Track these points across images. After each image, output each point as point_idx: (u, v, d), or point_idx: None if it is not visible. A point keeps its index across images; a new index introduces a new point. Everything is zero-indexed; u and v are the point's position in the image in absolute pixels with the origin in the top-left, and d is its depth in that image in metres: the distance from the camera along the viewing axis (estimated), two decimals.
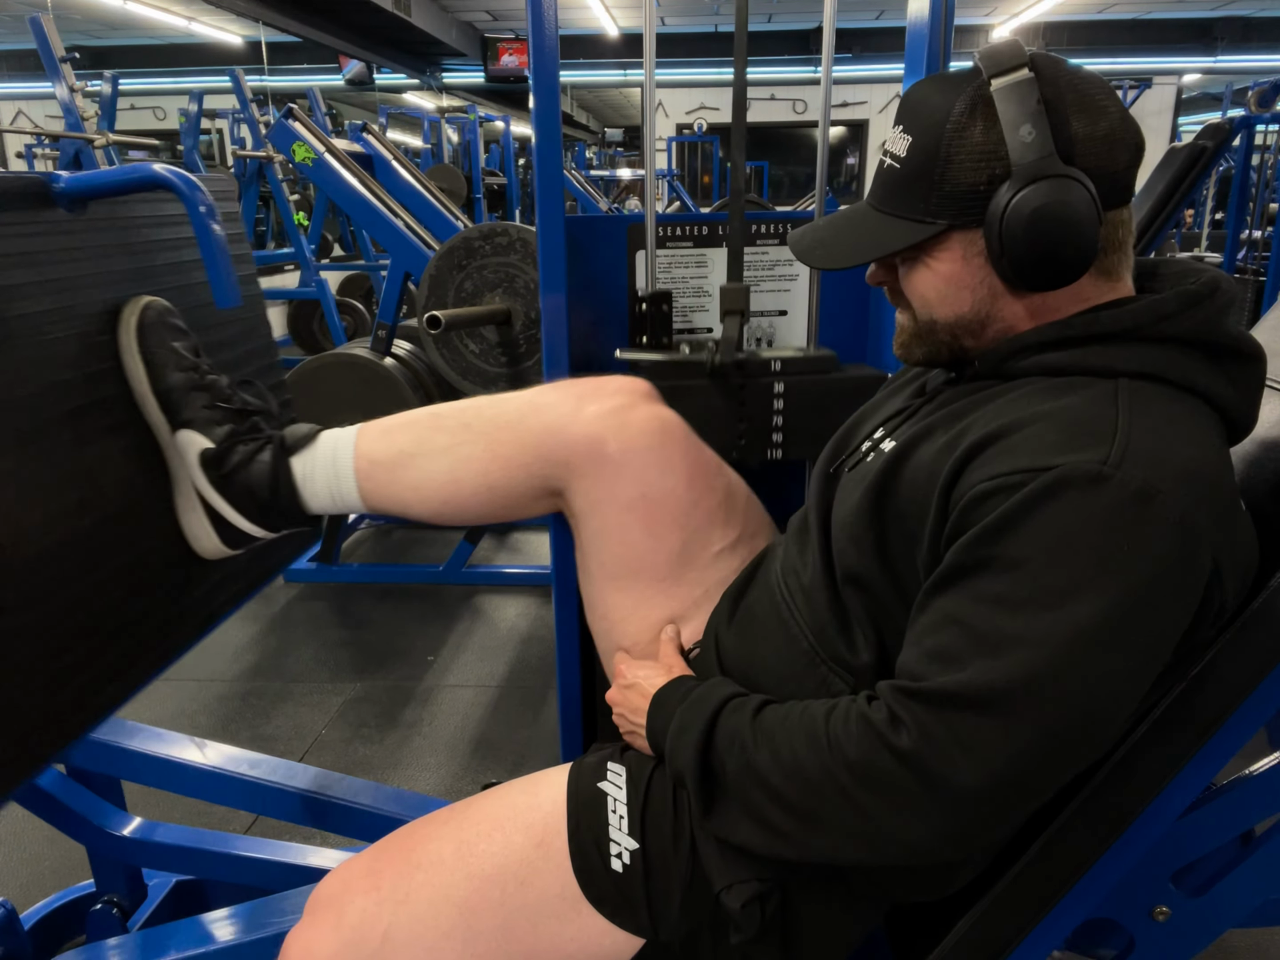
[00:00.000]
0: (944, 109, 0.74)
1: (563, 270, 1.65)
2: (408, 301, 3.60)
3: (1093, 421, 0.68)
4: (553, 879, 0.81)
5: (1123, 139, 0.73)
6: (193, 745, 1.18)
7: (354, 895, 0.84)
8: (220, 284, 0.98)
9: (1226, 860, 0.88)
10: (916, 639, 0.70)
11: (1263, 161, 4.76)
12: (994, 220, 0.72)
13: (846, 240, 0.82)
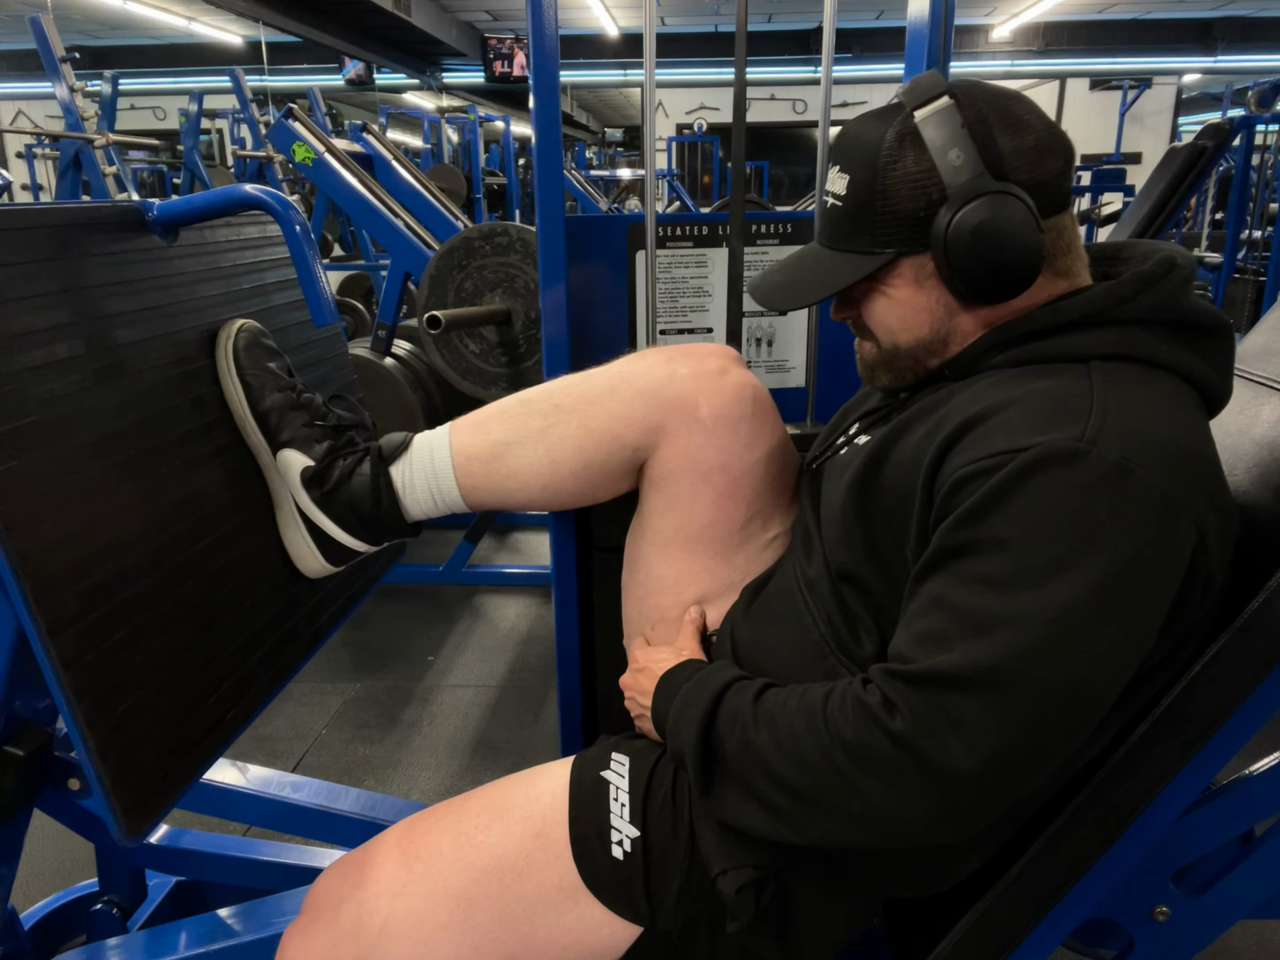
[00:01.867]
0: (875, 144, 0.77)
1: (563, 270, 1.65)
2: (408, 301, 3.60)
3: (1068, 400, 0.69)
4: (551, 869, 0.81)
5: (1051, 149, 0.76)
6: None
7: (351, 888, 0.84)
8: (317, 302, 1.00)
9: (1226, 860, 0.88)
10: (906, 624, 0.71)
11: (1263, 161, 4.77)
12: (938, 242, 0.75)
13: (803, 280, 0.85)
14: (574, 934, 0.81)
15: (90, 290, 0.86)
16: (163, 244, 0.98)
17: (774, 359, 1.90)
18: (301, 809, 1.13)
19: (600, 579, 1.22)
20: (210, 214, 1.00)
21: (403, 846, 0.85)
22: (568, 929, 0.81)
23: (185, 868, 1.22)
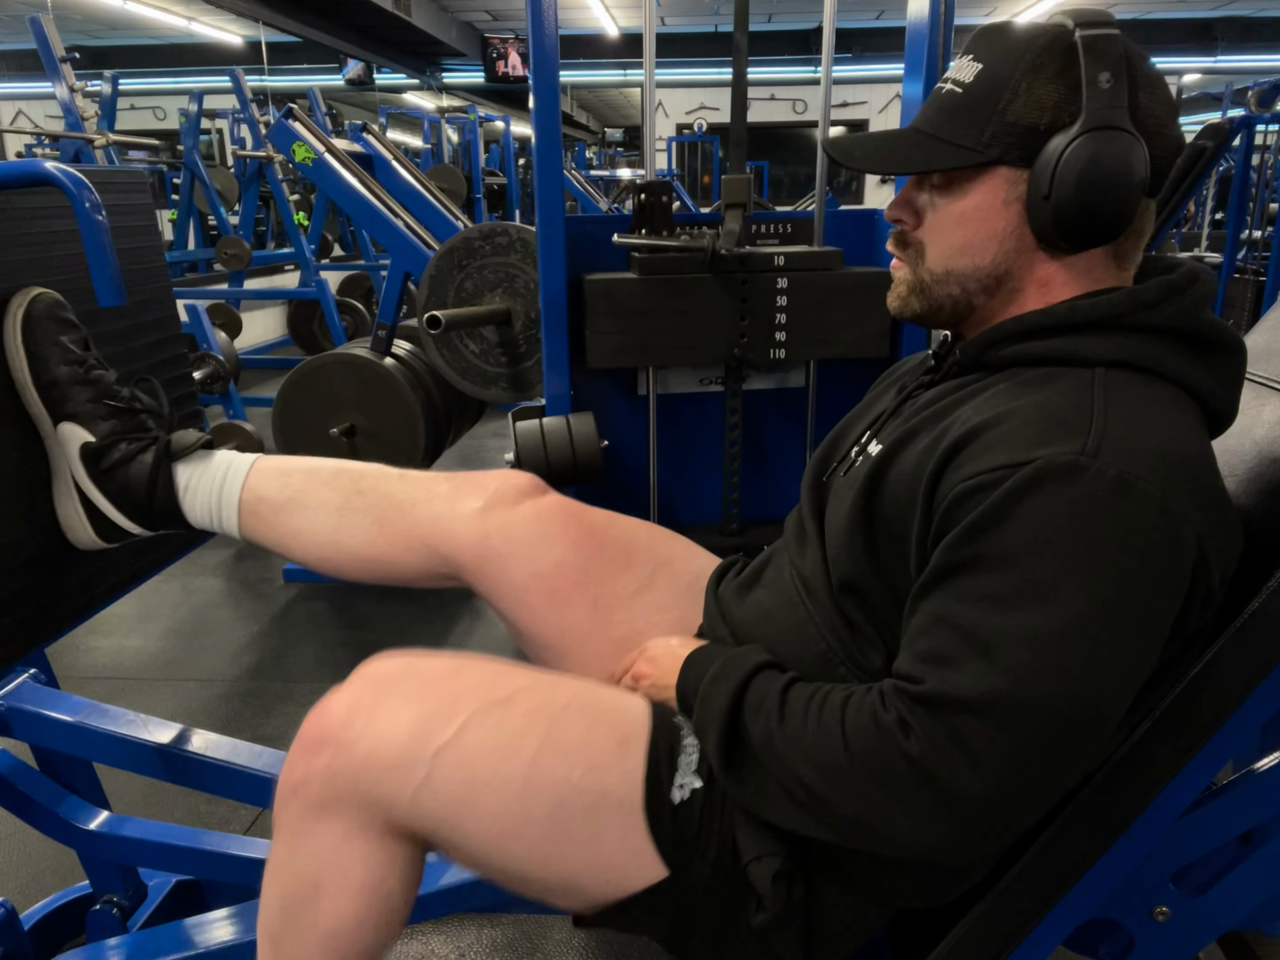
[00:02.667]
0: (1024, 43, 0.74)
1: (563, 270, 1.65)
2: (408, 301, 3.60)
3: (1069, 413, 0.68)
4: (621, 780, 0.79)
5: (1173, 130, 0.75)
6: (159, 727, 1.17)
7: (428, 694, 0.78)
8: (103, 283, 0.98)
9: (1226, 860, 0.88)
10: (910, 640, 0.70)
11: (1263, 161, 4.76)
12: (1048, 162, 0.72)
13: (891, 152, 0.81)
14: (611, 849, 0.80)
15: None
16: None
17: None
18: None
19: None
20: (3, 185, 1.00)
21: (489, 685, 0.81)
22: (609, 841, 0.79)
23: (179, 865, 1.22)
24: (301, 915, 0.78)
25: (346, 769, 0.75)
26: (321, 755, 0.76)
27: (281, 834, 0.79)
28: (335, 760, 0.75)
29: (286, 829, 0.78)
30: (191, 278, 5.93)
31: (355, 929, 0.78)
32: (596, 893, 0.81)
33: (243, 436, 3.31)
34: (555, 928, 1.47)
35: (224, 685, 2.34)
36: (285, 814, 0.78)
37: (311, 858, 0.77)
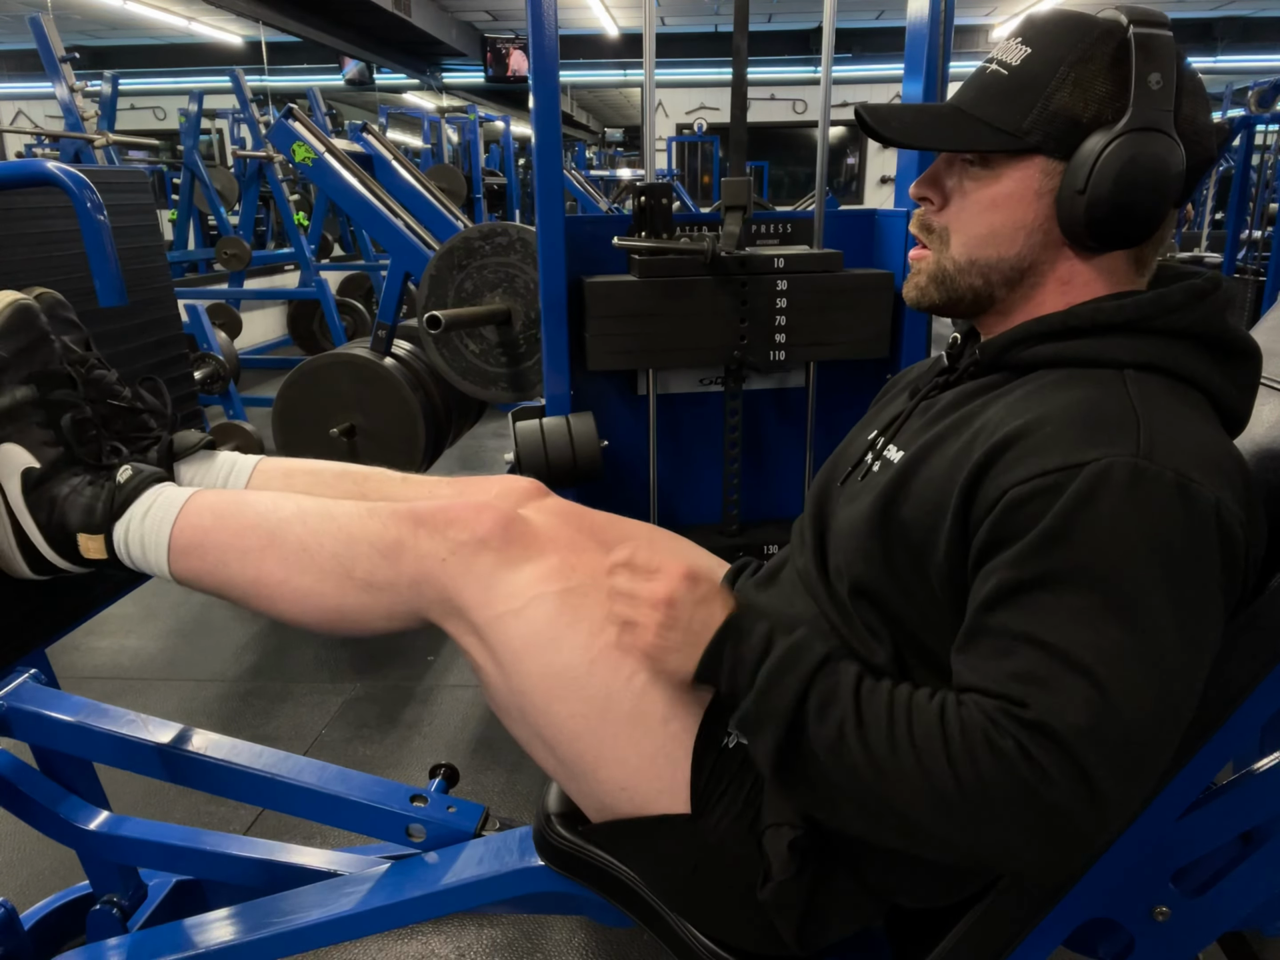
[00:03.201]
0: (1078, 33, 0.73)
1: (563, 270, 1.65)
2: (408, 301, 3.60)
3: (1113, 412, 0.68)
4: (673, 708, 0.82)
5: (1209, 142, 0.74)
6: (159, 726, 1.17)
7: (563, 549, 0.87)
8: (104, 282, 0.97)
9: (1226, 860, 0.88)
10: (992, 659, 0.66)
11: (1263, 161, 4.77)
12: (1088, 156, 0.71)
13: (928, 126, 0.79)
14: (642, 759, 0.82)
15: None
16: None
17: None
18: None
19: None
20: (5, 185, 0.99)
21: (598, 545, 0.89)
22: (642, 751, 0.81)
23: (179, 866, 1.22)
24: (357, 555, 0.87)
25: (477, 549, 0.85)
26: (483, 520, 0.86)
27: (404, 520, 0.87)
28: (475, 535, 0.85)
29: (408, 520, 0.87)
30: (191, 278, 5.94)
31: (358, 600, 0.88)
32: (612, 796, 0.83)
33: (243, 436, 3.31)
34: (555, 928, 1.47)
35: (224, 685, 2.35)
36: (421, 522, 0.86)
37: (400, 549, 0.86)
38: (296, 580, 0.88)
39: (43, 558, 0.95)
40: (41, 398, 0.94)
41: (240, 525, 0.90)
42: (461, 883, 1.01)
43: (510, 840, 1.03)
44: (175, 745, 1.12)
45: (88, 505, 0.92)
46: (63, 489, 0.93)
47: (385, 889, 1.05)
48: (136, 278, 1.13)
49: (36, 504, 0.93)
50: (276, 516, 0.89)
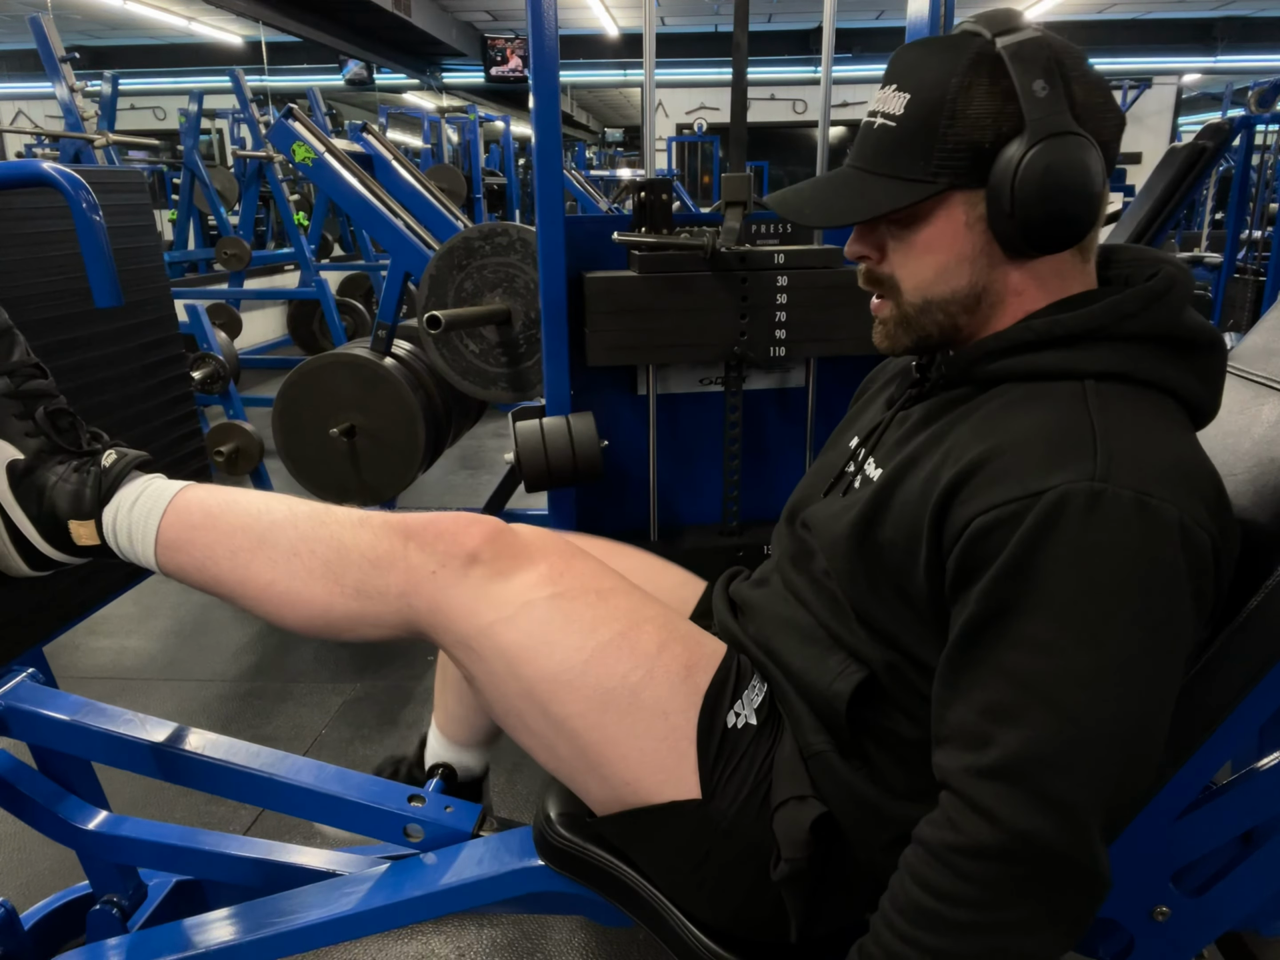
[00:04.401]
0: (948, 65, 0.72)
1: (563, 270, 1.65)
2: (408, 301, 3.60)
3: (1070, 433, 0.68)
4: (673, 696, 0.83)
5: (1114, 111, 0.74)
6: (156, 727, 1.16)
7: (552, 558, 0.87)
8: (100, 283, 0.96)
9: (1226, 860, 0.88)
10: (963, 693, 0.69)
11: (1263, 161, 4.76)
12: (1004, 177, 0.71)
13: (837, 201, 0.79)
14: (646, 748, 0.83)
15: None
16: None
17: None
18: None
19: None
20: (2, 185, 0.99)
21: (598, 575, 0.88)
22: (645, 741, 0.82)
23: (179, 866, 1.22)
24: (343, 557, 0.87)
25: (467, 562, 0.84)
26: (473, 534, 0.86)
27: (395, 532, 0.87)
28: (465, 548, 0.85)
29: (398, 532, 0.86)
30: (191, 278, 5.93)
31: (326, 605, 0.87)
32: (619, 791, 0.84)
33: (243, 436, 3.31)
34: (555, 928, 1.47)
35: (224, 685, 2.34)
36: (409, 538, 0.86)
37: (383, 556, 0.86)
38: (285, 584, 0.87)
39: (38, 552, 0.94)
40: (16, 389, 0.93)
41: (230, 525, 0.89)
42: (461, 883, 1.01)
43: (510, 840, 1.03)
44: (172, 745, 1.12)
45: (75, 491, 0.91)
46: (49, 477, 0.91)
47: (385, 889, 1.05)
48: (133, 278, 1.13)
49: (25, 496, 0.92)
50: (268, 518, 0.89)
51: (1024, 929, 0.66)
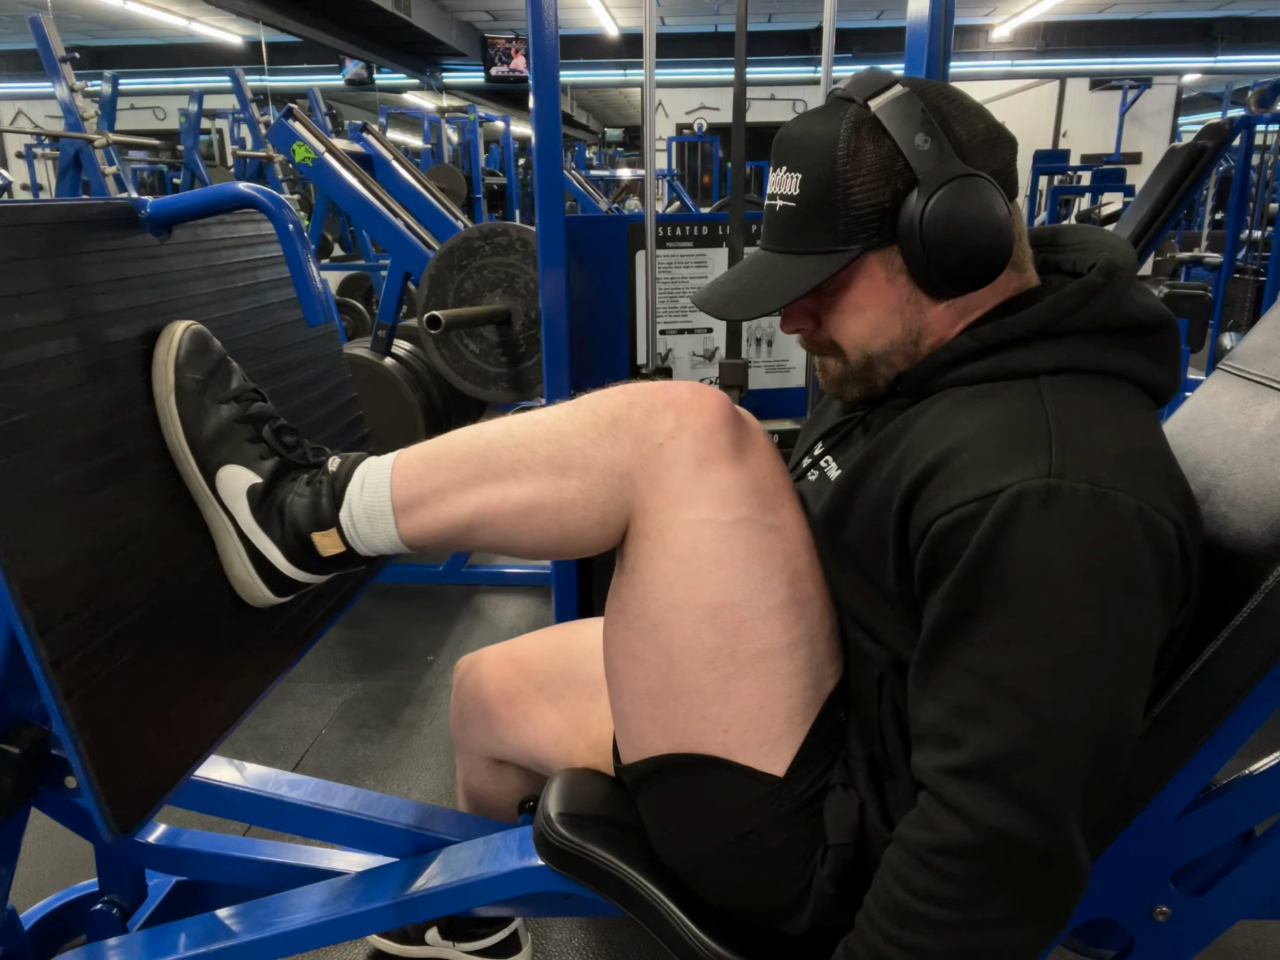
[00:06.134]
0: (830, 137, 0.75)
1: (563, 270, 1.65)
2: (408, 301, 3.60)
3: (1025, 429, 0.69)
4: (820, 674, 0.83)
5: (1000, 137, 0.76)
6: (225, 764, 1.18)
7: (746, 474, 0.80)
8: (311, 301, 0.99)
9: (1226, 860, 0.88)
10: (933, 693, 0.70)
11: (1263, 161, 4.77)
12: (911, 231, 0.73)
13: (758, 288, 0.80)
14: (763, 710, 0.82)
15: (82, 288, 0.86)
16: (155, 241, 0.97)
17: (774, 359, 1.91)
18: (298, 807, 1.12)
19: (600, 578, 1.22)
20: (204, 212, 0.99)
21: (773, 499, 0.83)
22: (768, 706, 0.81)
23: (185, 867, 1.22)
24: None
25: (703, 436, 0.79)
26: (708, 404, 0.80)
27: (618, 401, 0.82)
28: (698, 425, 0.79)
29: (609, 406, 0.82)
30: None
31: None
32: (708, 732, 0.82)
33: None
34: (555, 928, 1.47)
35: None
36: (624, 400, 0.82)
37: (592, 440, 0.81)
38: (515, 494, 0.83)
39: (282, 575, 0.92)
40: (243, 413, 0.92)
41: (452, 459, 0.86)
42: (462, 882, 1.01)
43: (510, 840, 1.04)
44: (257, 788, 1.15)
45: (312, 503, 0.89)
46: (287, 496, 0.90)
47: (385, 889, 1.05)
48: None
49: (267, 519, 0.90)
50: (484, 439, 0.86)
51: (1005, 924, 0.67)
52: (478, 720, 1.12)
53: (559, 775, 1.01)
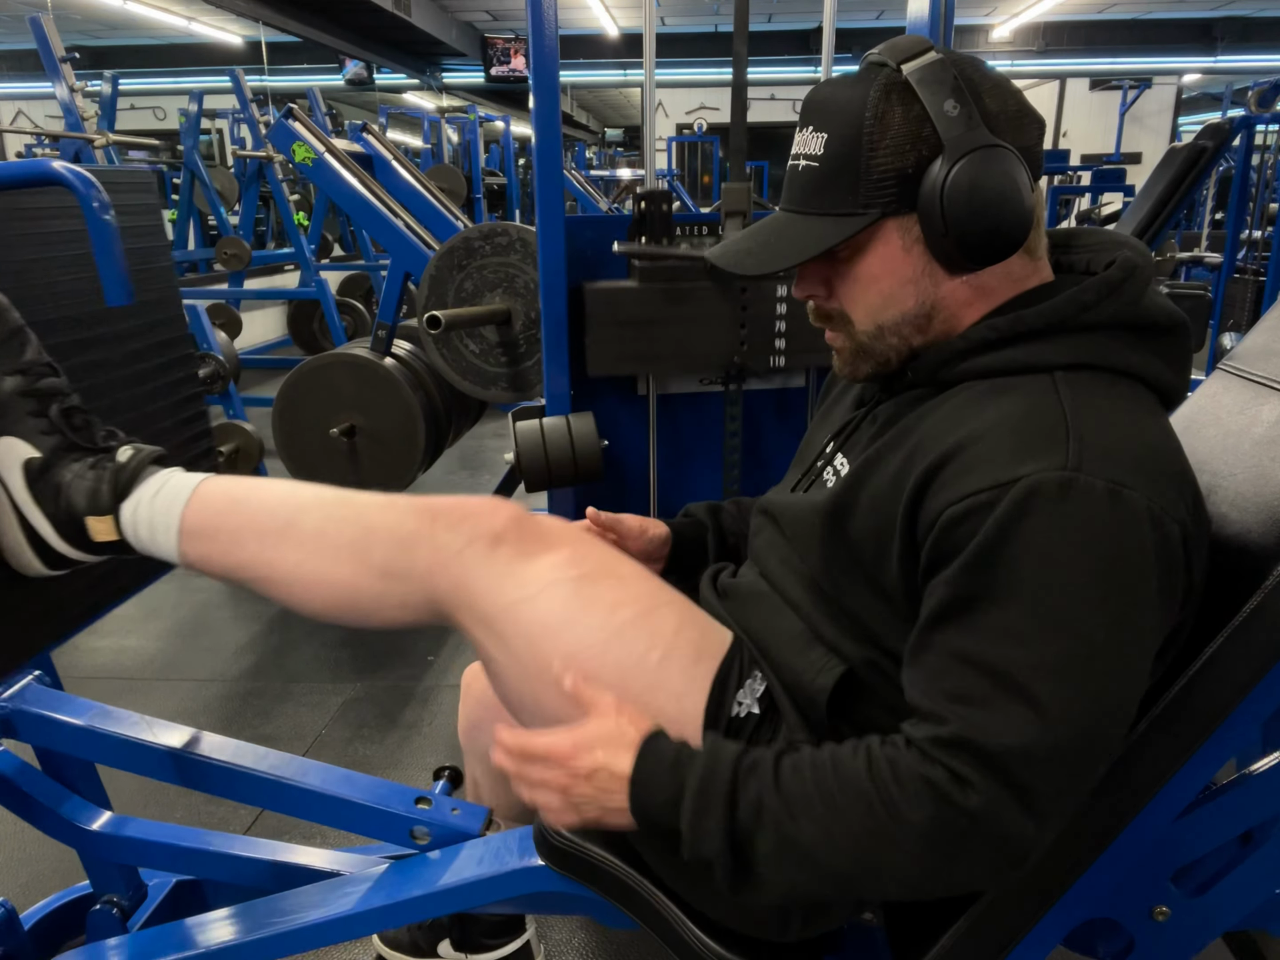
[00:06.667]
0: (859, 99, 0.74)
1: (563, 270, 1.65)
2: (408, 301, 3.60)
3: (1042, 422, 0.69)
4: (684, 679, 0.84)
5: (1029, 115, 0.76)
6: (165, 728, 1.16)
7: (572, 544, 0.87)
8: (111, 281, 0.96)
9: (1226, 860, 0.88)
10: (930, 678, 0.69)
11: (1263, 161, 4.76)
12: (932, 198, 0.72)
13: (776, 246, 0.80)
14: (665, 718, 0.82)
15: None
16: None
17: None
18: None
19: None
20: (11, 185, 0.98)
21: (614, 560, 0.89)
22: (659, 717, 0.82)
23: (179, 866, 1.22)
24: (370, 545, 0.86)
25: (493, 542, 0.84)
26: (499, 516, 0.86)
27: (421, 513, 0.87)
28: (491, 529, 0.85)
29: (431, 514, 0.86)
30: (192, 278, 5.93)
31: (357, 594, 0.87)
32: None
33: (243, 436, 3.31)
34: (555, 928, 1.47)
35: (224, 685, 2.34)
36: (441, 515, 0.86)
37: (415, 542, 0.85)
38: (312, 564, 0.86)
39: (54, 550, 0.93)
40: (30, 387, 0.92)
41: (256, 508, 0.89)
42: (462, 882, 1.01)
43: (510, 840, 1.03)
44: (180, 748, 1.12)
45: (92, 488, 0.90)
46: (66, 475, 0.91)
47: (385, 889, 1.05)
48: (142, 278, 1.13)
49: (42, 493, 0.91)
50: (294, 502, 0.89)
51: (917, 855, 0.67)
52: (488, 727, 1.12)
53: None
